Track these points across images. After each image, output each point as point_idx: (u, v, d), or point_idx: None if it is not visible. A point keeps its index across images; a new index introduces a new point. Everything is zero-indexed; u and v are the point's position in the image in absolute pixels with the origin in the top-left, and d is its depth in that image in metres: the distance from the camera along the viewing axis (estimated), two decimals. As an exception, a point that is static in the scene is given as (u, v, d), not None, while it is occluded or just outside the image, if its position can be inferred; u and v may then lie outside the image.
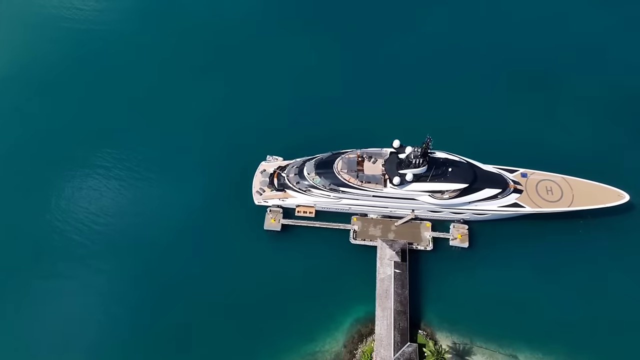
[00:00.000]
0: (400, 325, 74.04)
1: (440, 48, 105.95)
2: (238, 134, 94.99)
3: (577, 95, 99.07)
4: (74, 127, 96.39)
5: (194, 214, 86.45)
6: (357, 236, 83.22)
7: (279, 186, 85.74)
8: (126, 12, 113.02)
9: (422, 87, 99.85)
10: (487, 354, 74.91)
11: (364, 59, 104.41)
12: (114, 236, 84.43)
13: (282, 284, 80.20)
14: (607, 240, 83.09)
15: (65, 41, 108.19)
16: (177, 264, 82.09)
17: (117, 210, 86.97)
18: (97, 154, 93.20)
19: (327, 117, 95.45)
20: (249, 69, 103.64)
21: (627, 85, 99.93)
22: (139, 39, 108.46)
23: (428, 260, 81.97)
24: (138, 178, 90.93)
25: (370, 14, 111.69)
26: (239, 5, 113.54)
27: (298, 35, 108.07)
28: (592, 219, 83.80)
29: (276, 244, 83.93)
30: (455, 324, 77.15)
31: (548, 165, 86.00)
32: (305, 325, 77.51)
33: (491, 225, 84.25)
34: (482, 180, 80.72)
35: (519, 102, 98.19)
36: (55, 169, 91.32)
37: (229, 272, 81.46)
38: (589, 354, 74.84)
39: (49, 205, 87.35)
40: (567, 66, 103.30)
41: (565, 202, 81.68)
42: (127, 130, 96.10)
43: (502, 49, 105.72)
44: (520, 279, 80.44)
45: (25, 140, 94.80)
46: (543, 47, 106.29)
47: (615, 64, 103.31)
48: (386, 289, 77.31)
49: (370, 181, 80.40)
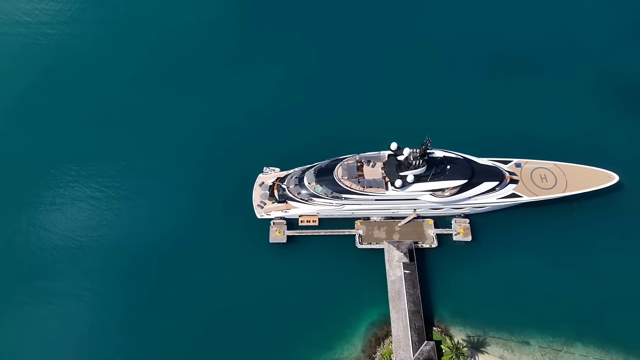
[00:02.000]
0: (416, 325, 75.55)
1: (424, 47, 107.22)
2: (232, 147, 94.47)
3: (557, 81, 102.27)
4: (71, 147, 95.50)
5: (197, 234, 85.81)
6: (362, 240, 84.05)
7: (280, 198, 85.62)
8: (112, 25, 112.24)
9: (410, 87, 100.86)
10: (500, 343, 77.27)
11: (350, 64, 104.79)
12: (120, 259, 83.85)
13: (294, 295, 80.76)
14: (601, 220, 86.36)
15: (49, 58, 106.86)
16: (186, 286, 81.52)
17: (123, 234, 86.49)
18: (91, 178, 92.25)
19: (320, 124, 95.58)
20: (237, 81, 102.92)
21: (604, 68, 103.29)
22: (128, 54, 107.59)
23: (434, 258, 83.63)
24: (133, 201, 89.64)
25: (349, 18, 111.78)
26: (223, 15, 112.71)
27: (283, 46, 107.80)
28: (585, 201, 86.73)
29: (284, 256, 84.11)
30: (467, 317, 79.20)
31: (539, 153, 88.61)
32: (321, 335, 78.27)
33: (491, 216, 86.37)
34: (479, 175, 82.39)
35: (503, 93, 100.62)
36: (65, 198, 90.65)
37: (239, 289, 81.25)
38: (594, 331, 78.04)
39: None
40: (545, 54, 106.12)
41: (559, 188, 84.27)
42: (117, 156, 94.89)
43: (481, 42, 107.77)
44: (524, 266, 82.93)
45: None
46: (519, 36, 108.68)
47: (591, 46, 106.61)
48: (398, 290, 78.60)
49: (372, 186, 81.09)
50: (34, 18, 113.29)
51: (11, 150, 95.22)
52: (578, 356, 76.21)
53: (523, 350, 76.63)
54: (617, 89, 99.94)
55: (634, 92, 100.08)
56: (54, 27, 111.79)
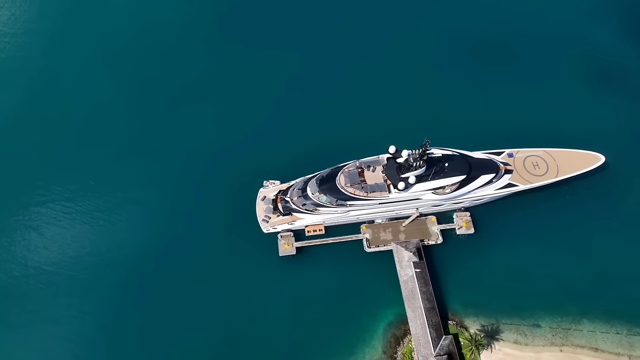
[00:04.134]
0: (433, 321, 77.89)
1: (403, 49, 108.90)
2: (228, 164, 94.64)
3: (536, 68, 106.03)
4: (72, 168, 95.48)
5: (204, 256, 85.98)
6: (370, 244, 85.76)
7: (284, 210, 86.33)
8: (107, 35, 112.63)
9: (395, 90, 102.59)
10: (513, 329, 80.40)
11: (337, 71, 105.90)
12: (131, 277, 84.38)
13: (310, 305, 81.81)
14: (592, 200, 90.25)
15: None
16: (201, 308, 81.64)
17: (133, 253, 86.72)
18: (92, 196, 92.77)
19: (314, 133, 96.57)
20: (226, 96, 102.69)
21: (578, 51, 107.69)
22: (125, 70, 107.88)
23: (441, 253, 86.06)
24: (138, 230, 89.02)
25: (328, 29, 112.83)
26: (214, 28, 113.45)
27: (273, 58, 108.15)
28: (575, 182, 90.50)
29: (295, 268, 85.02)
30: (479, 308, 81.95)
31: (528, 141, 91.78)
32: (341, 341, 79.61)
33: (490, 207, 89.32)
34: (476, 169, 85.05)
35: (485, 85, 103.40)
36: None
37: (255, 305, 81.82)
38: (598, 307, 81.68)
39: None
40: (520, 41, 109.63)
41: (552, 173, 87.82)
42: (115, 186, 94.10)
43: (458, 36, 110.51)
44: (526, 252, 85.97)
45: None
46: (494, 26, 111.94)
47: (564, 30, 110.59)
48: (411, 289, 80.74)
49: (375, 190, 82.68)
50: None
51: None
52: (586, 332, 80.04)
53: (535, 333, 79.96)
54: (593, 71, 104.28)
55: (609, 72, 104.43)
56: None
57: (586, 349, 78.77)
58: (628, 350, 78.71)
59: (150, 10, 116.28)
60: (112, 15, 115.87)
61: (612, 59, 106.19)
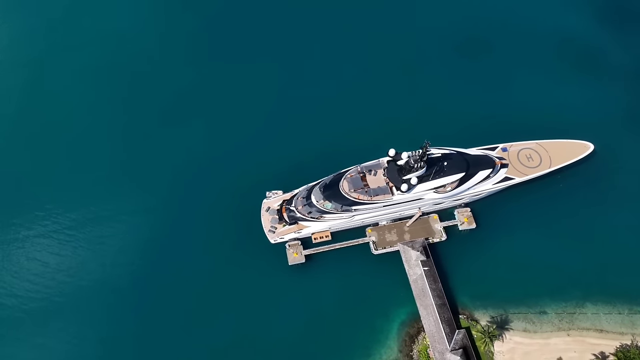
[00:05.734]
0: (445, 317, 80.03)
1: (391, 53, 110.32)
2: (228, 177, 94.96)
3: (519, 60, 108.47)
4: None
5: (215, 271, 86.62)
6: (377, 246, 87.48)
7: (290, 219, 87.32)
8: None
9: (388, 93, 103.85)
10: (521, 318, 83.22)
11: (327, 79, 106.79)
12: (142, 297, 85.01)
13: (323, 311, 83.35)
14: (584, 186, 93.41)
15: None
16: (215, 322, 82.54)
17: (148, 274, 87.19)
18: (96, 219, 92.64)
19: (312, 141, 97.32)
20: (219, 110, 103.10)
21: (556, 41, 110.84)
22: (124, 81, 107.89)
23: (446, 250, 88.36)
24: (144, 252, 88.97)
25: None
26: (205, 37, 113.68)
27: (265, 68, 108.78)
28: (567, 171, 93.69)
29: (305, 276, 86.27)
30: (487, 300, 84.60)
31: (520, 134, 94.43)
32: (357, 344, 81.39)
33: (488, 201, 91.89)
34: (474, 165, 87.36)
35: (471, 81, 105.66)
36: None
37: (270, 315, 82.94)
38: (599, 290, 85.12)
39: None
40: (499, 35, 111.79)
41: (545, 164, 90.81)
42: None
43: (438, 34, 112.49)
44: (526, 242, 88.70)
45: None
46: (471, 23, 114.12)
47: (544, 21, 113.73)
48: (421, 288, 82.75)
49: (379, 193, 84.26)
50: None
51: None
52: (590, 315, 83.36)
53: (542, 320, 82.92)
54: (573, 60, 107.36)
55: (589, 60, 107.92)
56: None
57: (592, 331, 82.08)
58: (631, 329, 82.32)
59: (152, 19, 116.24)
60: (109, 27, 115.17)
61: (590, 46, 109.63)
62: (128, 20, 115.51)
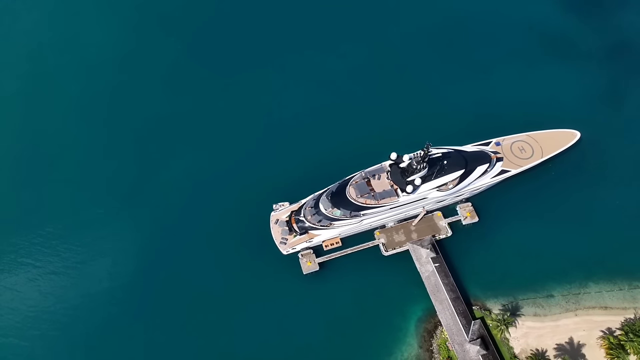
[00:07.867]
0: (460, 310, 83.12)
1: (382, 57, 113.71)
2: (234, 193, 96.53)
3: (503, 55, 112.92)
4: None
5: (233, 288, 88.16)
6: (387, 248, 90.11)
7: (300, 230, 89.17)
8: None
9: (381, 99, 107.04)
10: (530, 302, 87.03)
11: (321, 89, 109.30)
12: (166, 309, 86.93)
13: (341, 315, 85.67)
14: (575, 172, 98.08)
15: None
16: (240, 338, 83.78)
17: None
18: (106, 236, 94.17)
19: (314, 151, 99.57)
20: (217, 126, 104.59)
21: (535, 32, 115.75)
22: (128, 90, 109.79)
23: (452, 245, 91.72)
24: (159, 271, 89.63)
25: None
26: (205, 49, 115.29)
27: (260, 78, 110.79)
28: (559, 159, 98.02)
29: (321, 283, 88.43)
30: (496, 289, 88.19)
31: (510, 127, 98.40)
32: (377, 344, 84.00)
33: (487, 194, 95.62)
34: (472, 161, 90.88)
35: (457, 78, 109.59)
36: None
37: (290, 325, 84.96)
38: (599, 269, 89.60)
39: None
40: (482, 29, 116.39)
41: (537, 155, 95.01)
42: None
43: (422, 35, 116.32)
44: (526, 229, 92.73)
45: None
46: (450, 19, 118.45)
47: (515, 13, 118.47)
48: (434, 283, 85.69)
49: (385, 196, 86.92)
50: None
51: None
52: (594, 294, 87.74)
53: (550, 303, 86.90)
54: (551, 52, 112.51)
55: (567, 50, 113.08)
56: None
57: (597, 309, 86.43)
58: (632, 303, 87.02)
59: (154, 32, 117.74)
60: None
61: (565, 37, 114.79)
62: (130, 32, 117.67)
